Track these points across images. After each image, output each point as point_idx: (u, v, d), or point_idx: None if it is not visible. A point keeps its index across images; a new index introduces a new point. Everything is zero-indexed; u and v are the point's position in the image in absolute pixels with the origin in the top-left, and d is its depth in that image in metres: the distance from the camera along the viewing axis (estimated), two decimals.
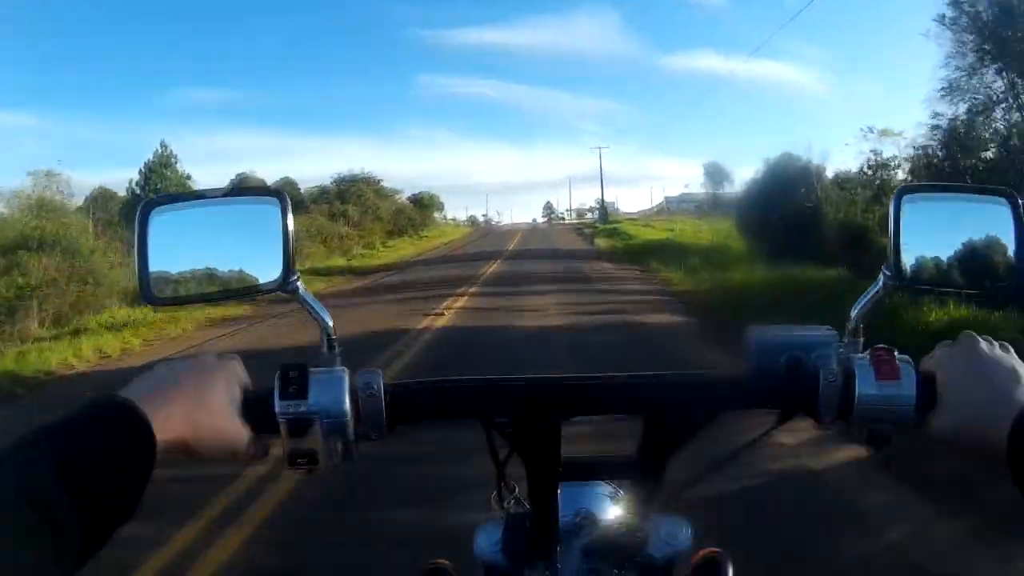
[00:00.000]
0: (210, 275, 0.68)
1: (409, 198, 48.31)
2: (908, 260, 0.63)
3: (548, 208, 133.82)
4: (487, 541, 0.75)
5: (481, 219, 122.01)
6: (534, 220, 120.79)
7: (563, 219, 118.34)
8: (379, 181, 39.86)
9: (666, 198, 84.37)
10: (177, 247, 0.67)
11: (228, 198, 0.67)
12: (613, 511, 0.73)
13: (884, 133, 11.67)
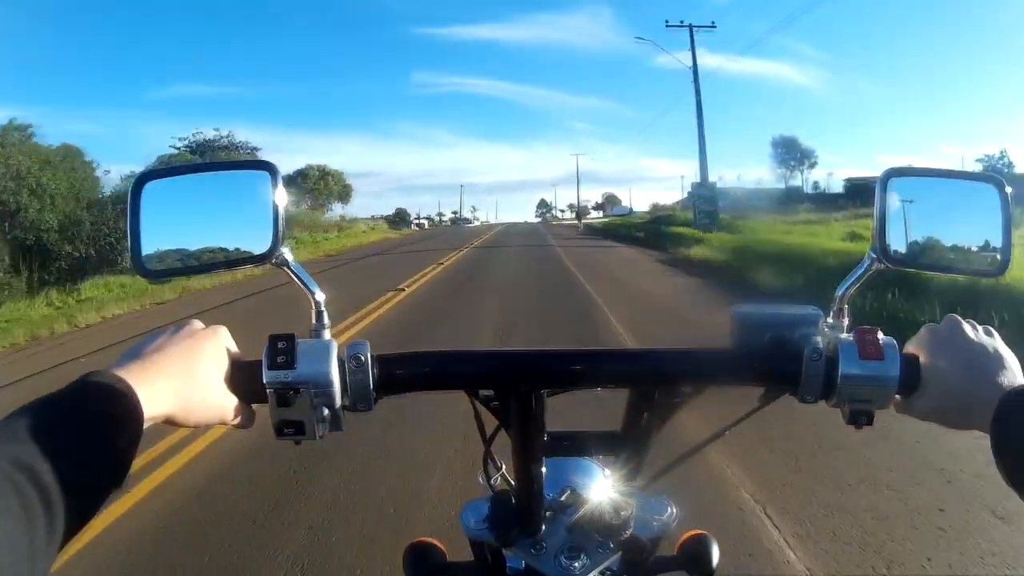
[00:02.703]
0: (201, 245, 0.68)
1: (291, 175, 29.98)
2: (894, 240, 0.64)
3: (543, 206, 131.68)
4: (473, 517, 0.75)
5: (445, 218, 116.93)
6: (531, 219, 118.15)
7: (559, 217, 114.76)
8: (256, 151, 30.26)
9: (692, 190, 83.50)
10: (169, 218, 0.68)
11: (219, 169, 0.67)
12: (598, 489, 0.73)
13: None
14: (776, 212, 28.22)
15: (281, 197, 0.65)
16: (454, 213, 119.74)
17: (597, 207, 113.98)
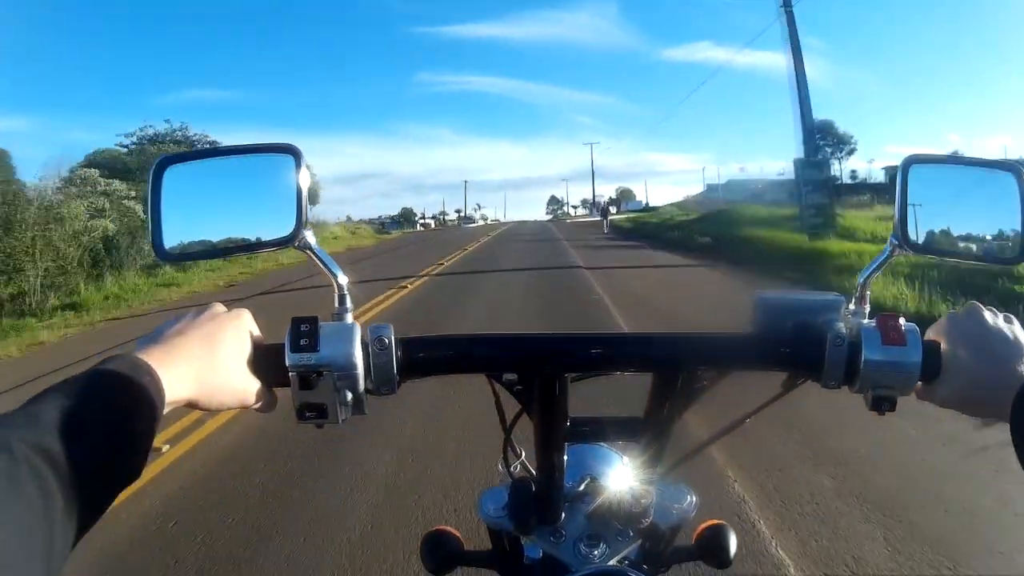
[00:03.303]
0: (223, 229, 0.68)
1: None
2: (914, 227, 0.64)
3: (554, 202, 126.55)
4: (492, 505, 0.75)
5: (450, 217, 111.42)
6: (541, 216, 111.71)
7: (571, 214, 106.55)
8: (214, 143, 23.72)
9: (708, 186, 78.56)
10: (191, 201, 0.68)
11: (242, 153, 0.67)
12: (618, 477, 0.73)
13: None
14: (844, 206, 19.82)
15: (304, 180, 0.65)
16: (457, 212, 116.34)
17: (611, 202, 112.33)
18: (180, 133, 27.48)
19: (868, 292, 0.65)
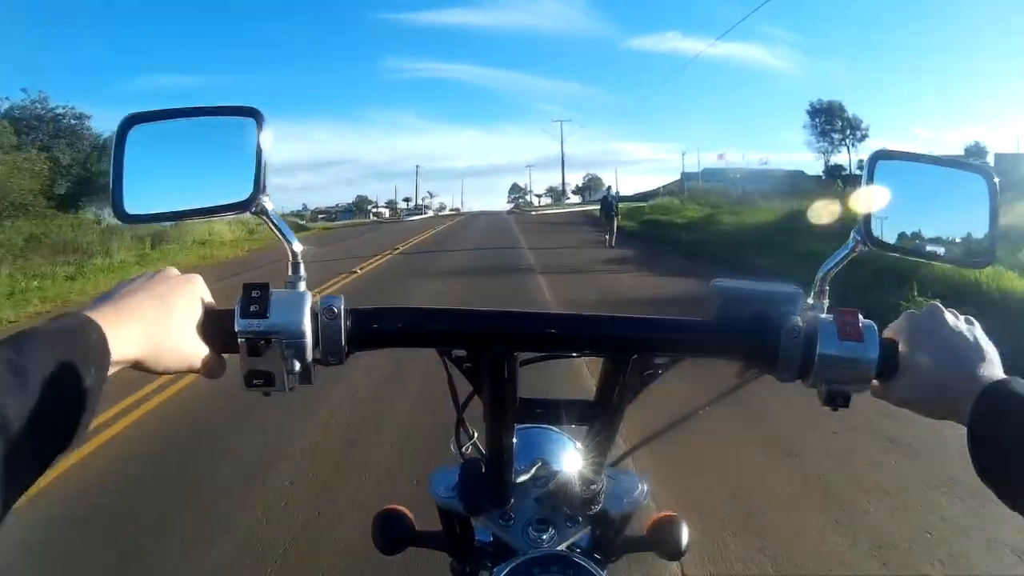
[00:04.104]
0: (183, 191, 0.68)
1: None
2: (879, 223, 0.63)
3: (516, 190, 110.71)
4: (443, 485, 0.74)
5: (409, 205, 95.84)
6: (503, 206, 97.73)
7: (535, 205, 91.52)
8: (85, 117, 23.90)
9: (684, 174, 74.03)
10: (153, 162, 0.67)
11: (205, 114, 0.67)
12: (569, 461, 0.72)
13: None
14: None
15: (266, 143, 0.64)
16: (406, 200, 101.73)
17: (577, 191, 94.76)
18: (40, 106, 24.99)
19: (827, 287, 0.64)
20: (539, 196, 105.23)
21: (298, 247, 0.65)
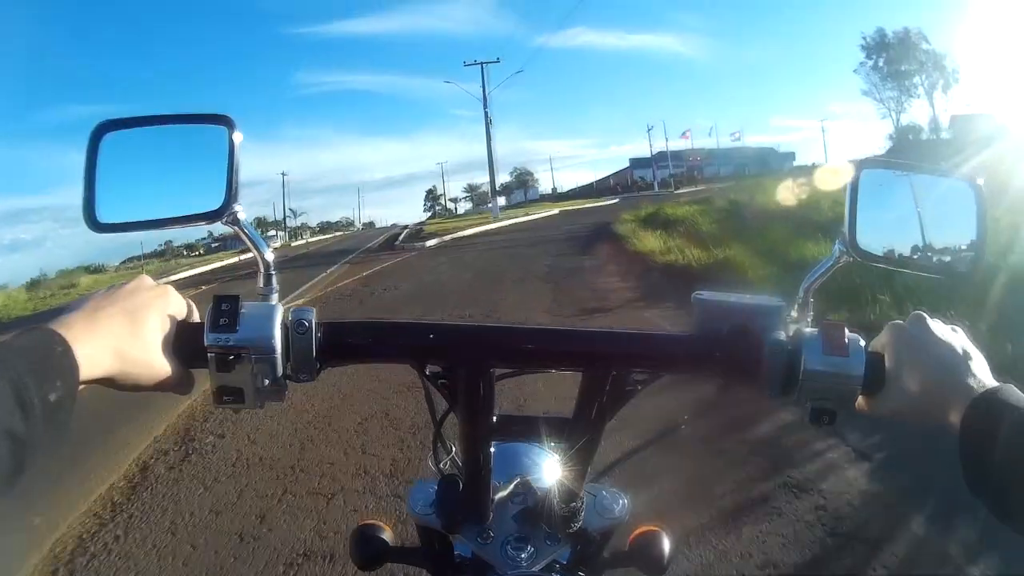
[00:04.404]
0: (155, 200, 0.66)
1: None
2: (864, 234, 0.62)
3: (431, 197, 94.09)
4: (421, 501, 0.73)
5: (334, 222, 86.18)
6: (417, 218, 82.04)
7: (453, 211, 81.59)
8: None
9: (632, 160, 73.44)
10: (125, 170, 0.66)
11: (177, 122, 0.65)
12: (549, 478, 0.71)
13: None
14: None
15: (238, 152, 0.63)
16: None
17: (505, 190, 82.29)
18: None
19: (812, 299, 0.63)
20: (455, 200, 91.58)
21: (270, 257, 0.64)
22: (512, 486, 0.71)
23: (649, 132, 73.71)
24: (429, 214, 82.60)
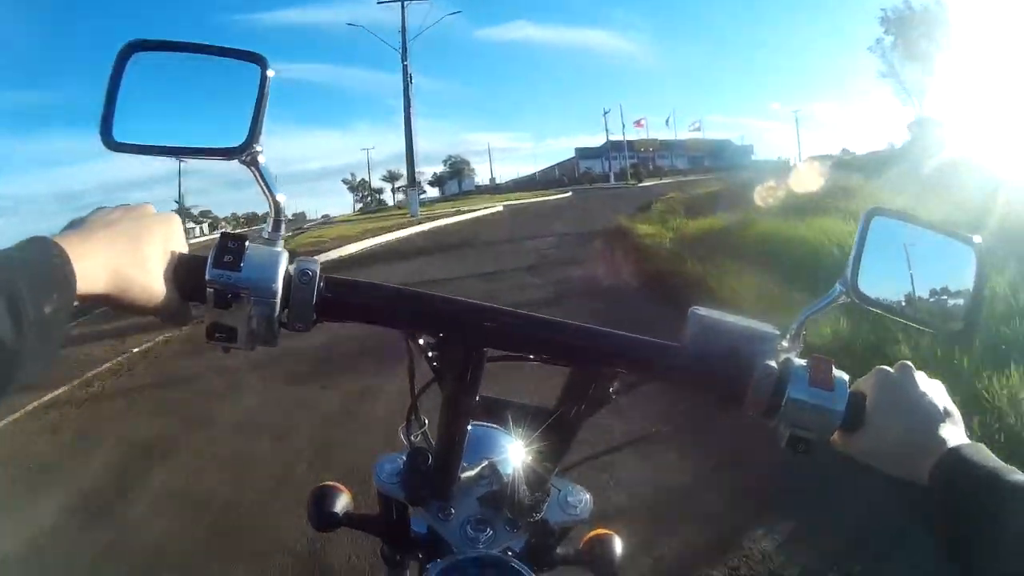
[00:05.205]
0: (176, 128, 0.66)
1: None
2: (865, 278, 0.63)
3: (354, 188, 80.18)
4: (387, 471, 0.73)
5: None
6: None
7: (384, 203, 69.18)
8: None
9: (578, 150, 68.45)
10: (149, 92, 0.65)
11: (211, 53, 0.65)
12: (517, 465, 0.71)
13: None
14: None
15: (266, 93, 0.63)
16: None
17: (437, 181, 75.00)
18: None
19: (805, 331, 0.64)
20: (378, 192, 78.26)
21: (282, 200, 0.63)
22: (480, 468, 0.71)
23: (605, 116, 61.30)
24: (360, 206, 72.35)
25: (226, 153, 0.63)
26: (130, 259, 0.54)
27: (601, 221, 14.52)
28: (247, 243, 0.59)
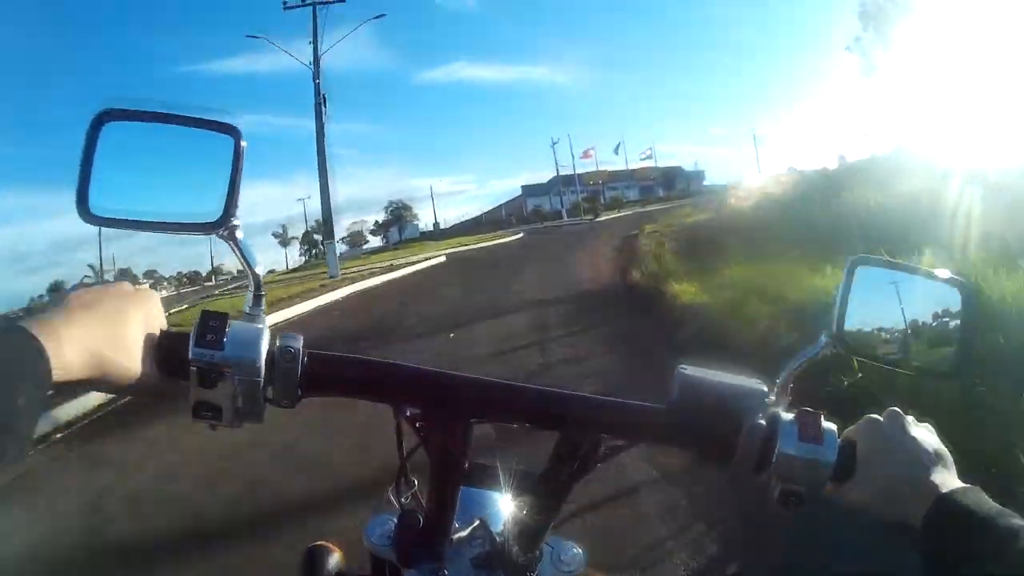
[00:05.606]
0: (151, 201, 0.65)
1: None
2: (852, 327, 0.63)
3: (287, 241, 74.02)
4: (378, 532, 0.73)
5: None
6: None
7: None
8: None
9: (524, 187, 65.28)
10: (124, 163, 0.64)
11: (183, 123, 0.64)
12: (510, 525, 0.71)
13: None
14: None
15: (241, 165, 0.62)
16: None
17: (376, 230, 71.91)
18: None
19: (791, 384, 0.64)
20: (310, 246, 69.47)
21: (261, 276, 0.63)
22: (471, 528, 0.71)
23: (554, 147, 57.84)
24: (305, 258, 67.28)
25: (204, 228, 0.62)
26: (110, 341, 0.53)
27: (587, 271, 11.39)
28: (229, 320, 0.58)
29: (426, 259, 20.13)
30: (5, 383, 0.44)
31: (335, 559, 0.77)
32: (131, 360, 0.55)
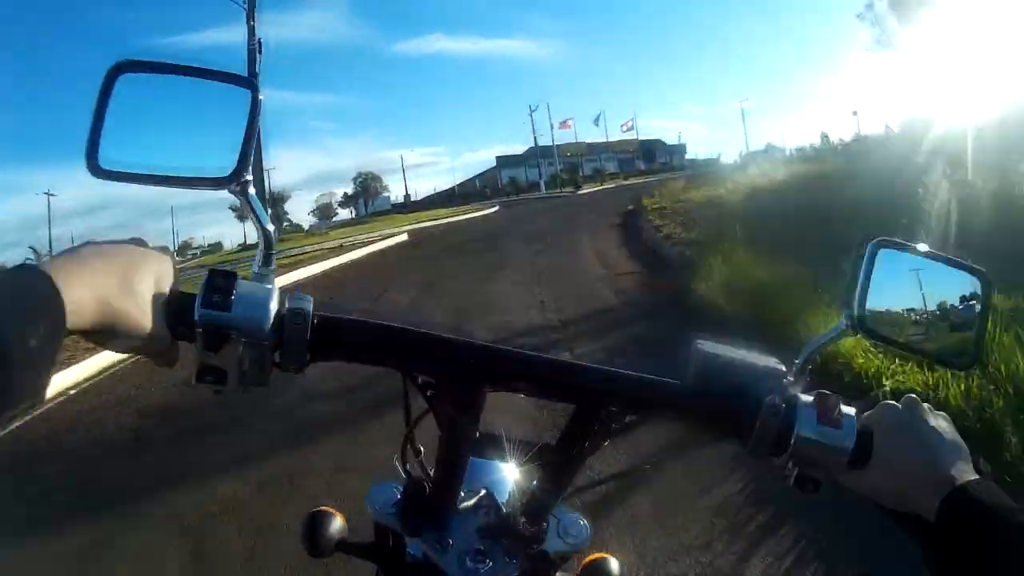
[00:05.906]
0: (164, 154, 0.63)
1: None
2: (871, 311, 0.62)
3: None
4: (381, 499, 0.72)
5: None
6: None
7: (300, 226, 60.92)
8: None
9: (499, 158, 63.72)
10: (138, 117, 0.62)
11: (201, 76, 0.62)
12: (517, 496, 0.70)
13: None
14: None
15: (258, 119, 0.60)
16: None
17: (346, 202, 69.70)
18: None
19: (810, 366, 0.63)
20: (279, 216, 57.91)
21: (272, 231, 0.61)
22: (477, 498, 0.70)
23: (532, 114, 56.53)
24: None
25: (216, 183, 0.60)
26: (121, 293, 0.52)
27: (596, 266, 8.90)
28: (237, 280, 0.57)
29: (388, 237, 18.18)
30: (22, 319, 0.43)
31: (337, 524, 0.76)
32: (142, 315, 0.54)
